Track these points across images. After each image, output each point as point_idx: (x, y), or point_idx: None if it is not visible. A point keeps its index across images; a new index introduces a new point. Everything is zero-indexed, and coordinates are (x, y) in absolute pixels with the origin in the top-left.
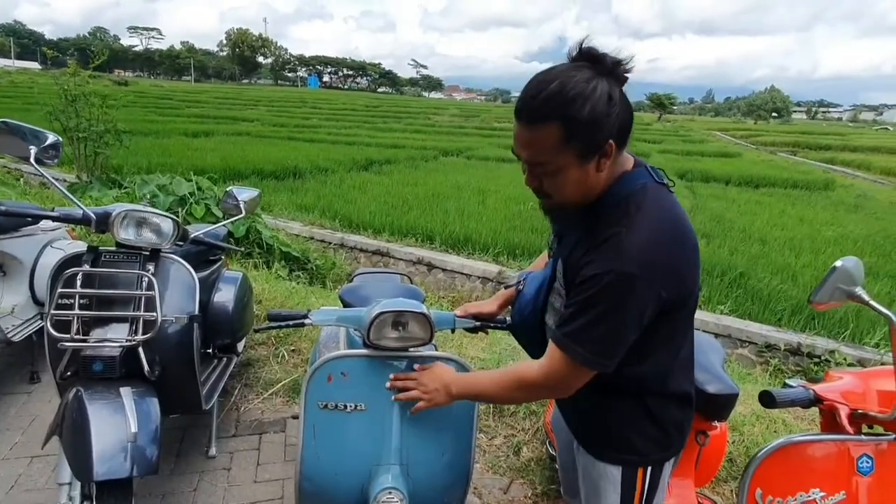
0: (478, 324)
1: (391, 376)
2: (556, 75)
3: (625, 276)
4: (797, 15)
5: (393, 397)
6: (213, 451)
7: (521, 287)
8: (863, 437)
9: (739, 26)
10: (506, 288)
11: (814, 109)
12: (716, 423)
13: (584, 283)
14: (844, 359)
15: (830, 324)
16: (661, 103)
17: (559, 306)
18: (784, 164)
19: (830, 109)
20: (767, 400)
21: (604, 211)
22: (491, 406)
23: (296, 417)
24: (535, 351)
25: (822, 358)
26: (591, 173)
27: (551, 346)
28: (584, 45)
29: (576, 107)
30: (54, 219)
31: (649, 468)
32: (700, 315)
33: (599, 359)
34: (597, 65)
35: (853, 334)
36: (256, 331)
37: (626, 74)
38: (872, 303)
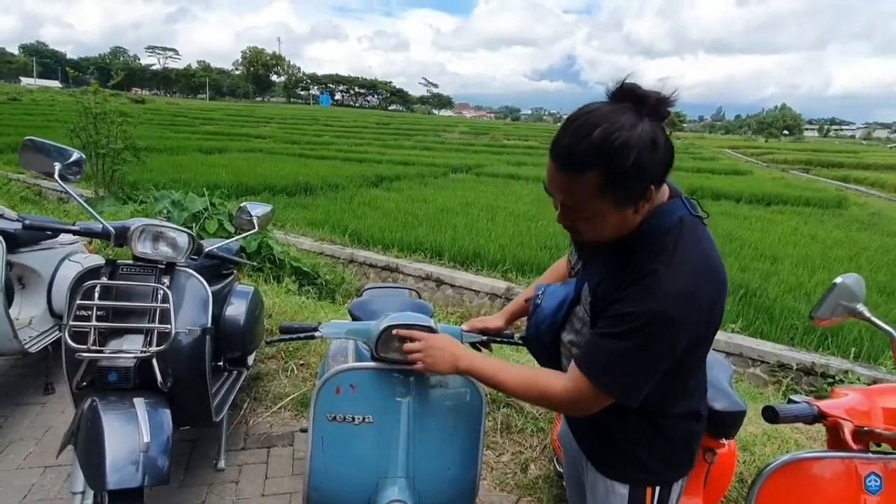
0: (484, 338)
1: (395, 331)
2: (597, 120)
3: (662, 316)
4: (809, 33)
5: (404, 346)
6: (221, 463)
7: (539, 301)
8: (870, 454)
9: (751, 44)
10: (526, 301)
11: (826, 127)
12: (724, 441)
13: (618, 317)
14: (859, 378)
15: (845, 343)
16: (670, 121)
17: (580, 327)
18: (796, 181)
19: (843, 127)
20: (770, 415)
21: (638, 245)
22: (498, 422)
23: (304, 431)
24: (548, 364)
25: (837, 378)
26: (628, 216)
27: (575, 370)
28: (626, 84)
29: (619, 158)
30: (75, 233)
31: (658, 488)
32: None
33: (627, 391)
34: (640, 105)
35: (868, 354)
36: (268, 342)
37: (670, 106)
38: (874, 319)
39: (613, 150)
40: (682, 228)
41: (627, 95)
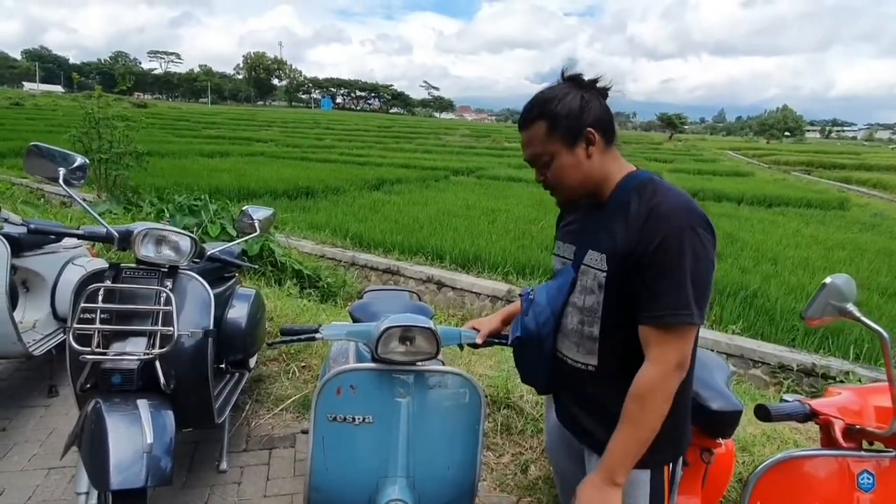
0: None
1: None
2: (542, 91)
3: (683, 230)
4: (812, 35)
5: None
6: (223, 465)
7: (531, 296)
8: (863, 452)
9: (753, 46)
10: (519, 295)
11: (828, 128)
12: (720, 441)
13: (647, 256)
14: (859, 379)
15: (845, 344)
16: (671, 123)
17: (582, 303)
18: (797, 183)
19: (845, 128)
20: (763, 414)
21: (622, 201)
22: (498, 423)
23: (305, 433)
24: (536, 367)
25: (837, 379)
26: (581, 159)
27: (648, 337)
28: (566, 73)
29: (553, 104)
30: (80, 237)
31: (671, 465)
32: (712, 335)
33: (698, 311)
34: (577, 84)
35: (869, 355)
36: (269, 345)
37: (607, 89)
38: (864, 319)
39: (547, 101)
40: (656, 180)
41: (569, 79)
